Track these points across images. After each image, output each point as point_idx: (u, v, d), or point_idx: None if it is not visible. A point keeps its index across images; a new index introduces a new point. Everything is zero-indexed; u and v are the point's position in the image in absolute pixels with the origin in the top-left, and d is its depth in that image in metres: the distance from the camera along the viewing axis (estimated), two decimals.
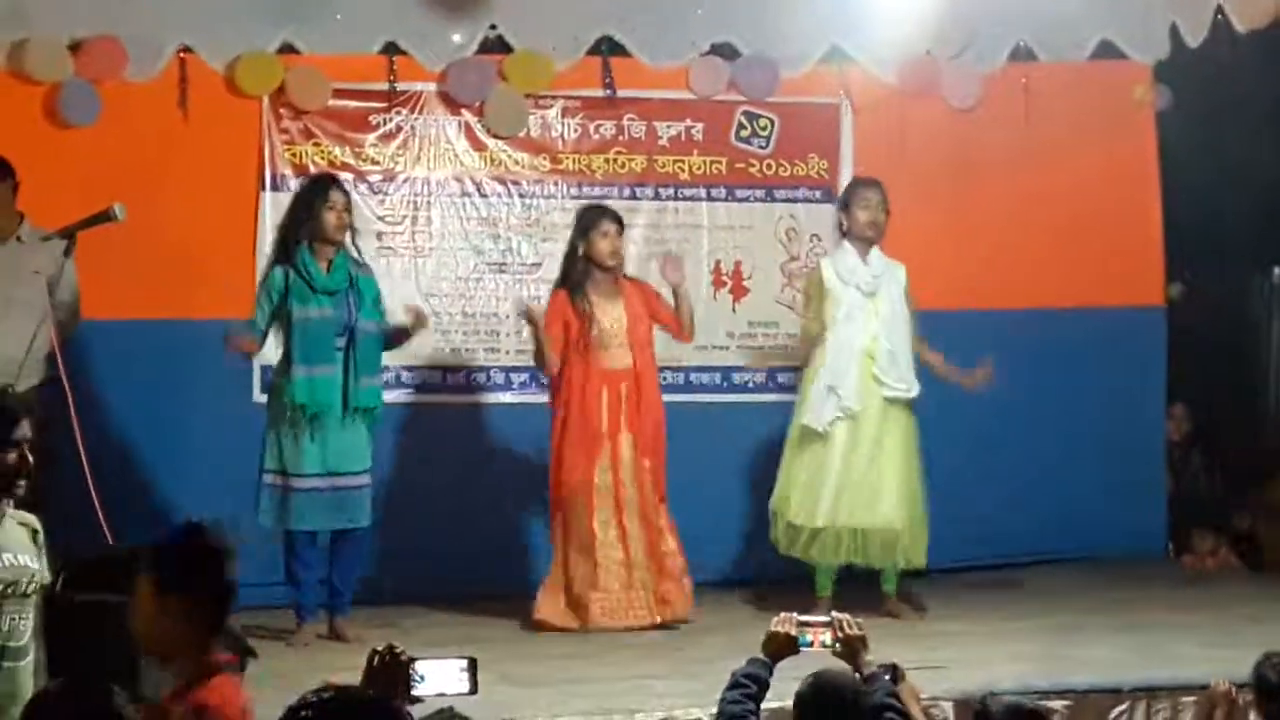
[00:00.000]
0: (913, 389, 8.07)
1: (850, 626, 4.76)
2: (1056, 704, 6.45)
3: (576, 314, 7.85)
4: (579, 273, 7.91)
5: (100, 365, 8.20)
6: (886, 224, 8.08)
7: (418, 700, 3.79)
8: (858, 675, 4.63)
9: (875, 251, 8.08)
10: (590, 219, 7.96)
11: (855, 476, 7.96)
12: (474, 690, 3.87)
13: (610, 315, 7.91)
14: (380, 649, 3.81)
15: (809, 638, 4.73)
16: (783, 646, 4.73)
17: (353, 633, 7.51)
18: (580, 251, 7.91)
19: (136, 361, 8.38)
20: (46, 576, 4.63)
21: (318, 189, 7.66)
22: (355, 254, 7.72)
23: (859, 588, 8.01)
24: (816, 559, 8.03)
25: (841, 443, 7.96)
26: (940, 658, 6.85)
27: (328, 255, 7.56)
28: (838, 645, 4.74)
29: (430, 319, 8.06)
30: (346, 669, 4.04)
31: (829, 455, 7.96)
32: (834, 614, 4.88)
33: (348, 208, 7.65)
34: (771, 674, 4.71)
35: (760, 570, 8.78)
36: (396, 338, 7.84)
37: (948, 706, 6.20)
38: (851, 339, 7.99)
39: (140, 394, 8.38)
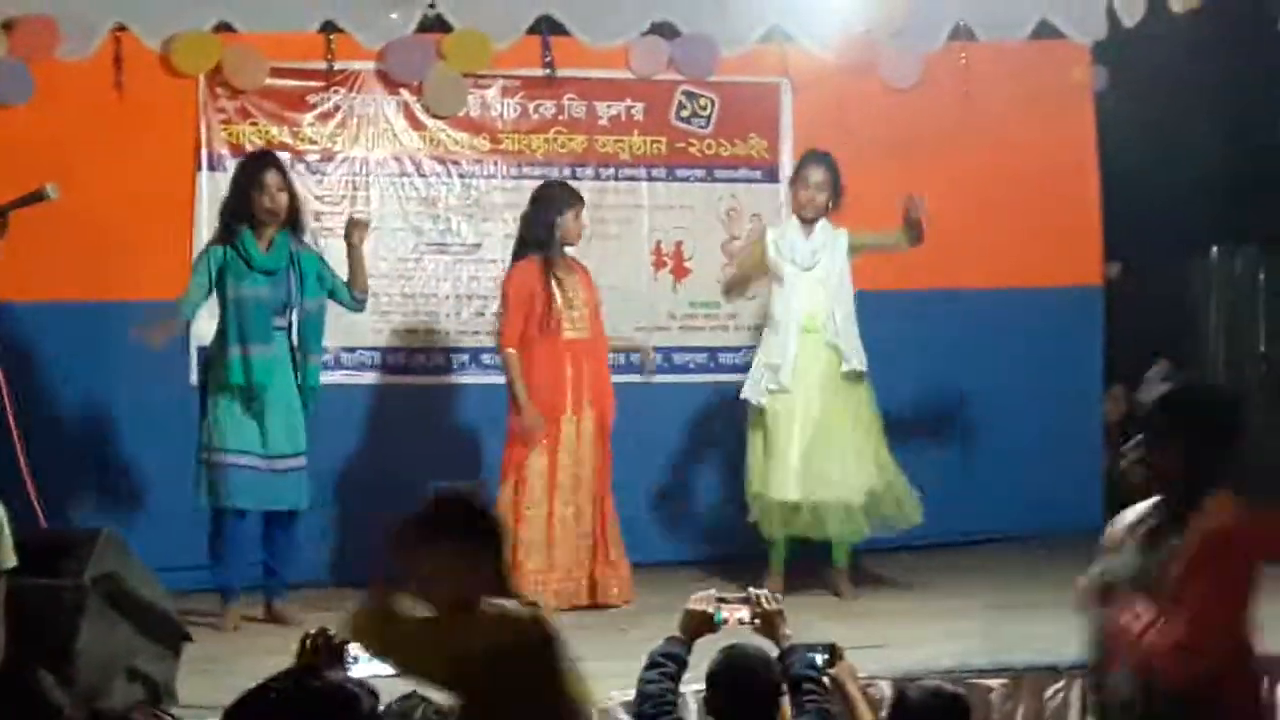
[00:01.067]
0: (863, 361, 8.07)
1: (768, 602, 4.76)
2: (994, 682, 6.48)
3: (545, 285, 7.80)
4: (552, 246, 7.85)
5: (34, 347, 8.14)
6: (831, 201, 8.10)
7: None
8: (777, 649, 4.64)
9: (821, 224, 8.11)
10: (567, 199, 7.92)
11: (808, 451, 7.94)
12: None
13: (572, 287, 7.89)
14: (313, 632, 3.79)
15: (724, 614, 4.75)
16: (700, 624, 4.75)
17: (293, 615, 7.47)
18: (554, 229, 7.84)
19: (71, 343, 8.32)
20: (12, 560, 4.55)
21: (252, 169, 7.61)
22: (298, 233, 7.64)
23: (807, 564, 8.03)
24: (766, 531, 8.03)
25: (787, 416, 7.95)
26: (879, 636, 6.87)
27: (269, 235, 7.51)
28: (756, 621, 4.75)
29: (369, 228, 7.95)
30: (278, 652, 4.01)
31: (777, 427, 7.95)
32: (751, 590, 4.89)
33: (283, 187, 7.57)
34: (689, 652, 4.71)
35: (705, 550, 8.78)
36: (353, 274, 7.70)
37: (885, 685, 6.20)
38: (789, 314, 8.02)
39: (75, 376, 8.31)
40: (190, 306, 7.54)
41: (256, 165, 7.65)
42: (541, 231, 7.87)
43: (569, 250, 8.00)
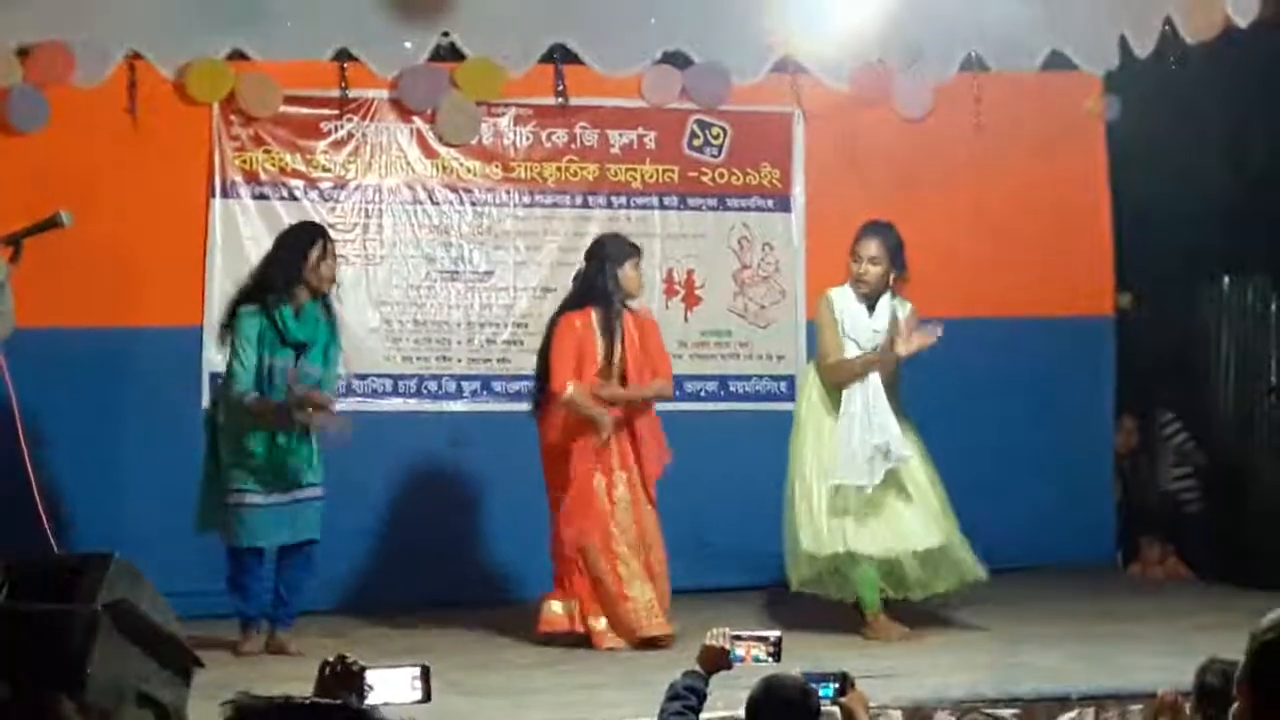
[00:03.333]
0: (916, 446, 7.89)
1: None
2: (1005, 712, 6.47)
3: (602, 341, 7.66)
4: (606, 301, 7.66)
5: (47, 373, 8.14)
6: (892, 274, 7.78)
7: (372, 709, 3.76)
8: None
9: (884, 301, 7.82)
10: (627, 251, 7.73)
11: (905, 502, 7.81)
12: (427, 698, 3.86)
13: (627, 342, 7.73)
14: (331, 659, 3.80)
15: (740, 652, 4.84)
16: (717, 659, 4.83)
17: (295, 646, 7.47)
18: (612, 281, 7.65)
19: (84, 369, 8.34)
20: None
21: (309, 236, 7.49)
22: (328, 302, 7.57)
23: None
24: (861, 588, 7.74)
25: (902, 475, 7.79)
26: (889, 666, 6.85)
27: (301, 300, 7.43)
28: (770, 659, 4.83)
29: (341, 395, 7.95)
30: (290, 679, 4.02)
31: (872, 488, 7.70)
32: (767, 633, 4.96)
33: (335, 256, 7.56)
34: (708, 685, 4.78)
35: (713, 578, 8.78)
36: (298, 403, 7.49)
37: (896, 715, 6.21)
38: (877, 390, 7.72)
39: (87, 402, 8.33)
40: (247, 383, 7.33)
41: (314, 232, 7.55)
42: (597, 280, 7.67)
43: (632, 303, 7.81)
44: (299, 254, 7.41)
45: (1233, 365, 9.61)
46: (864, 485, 7.65)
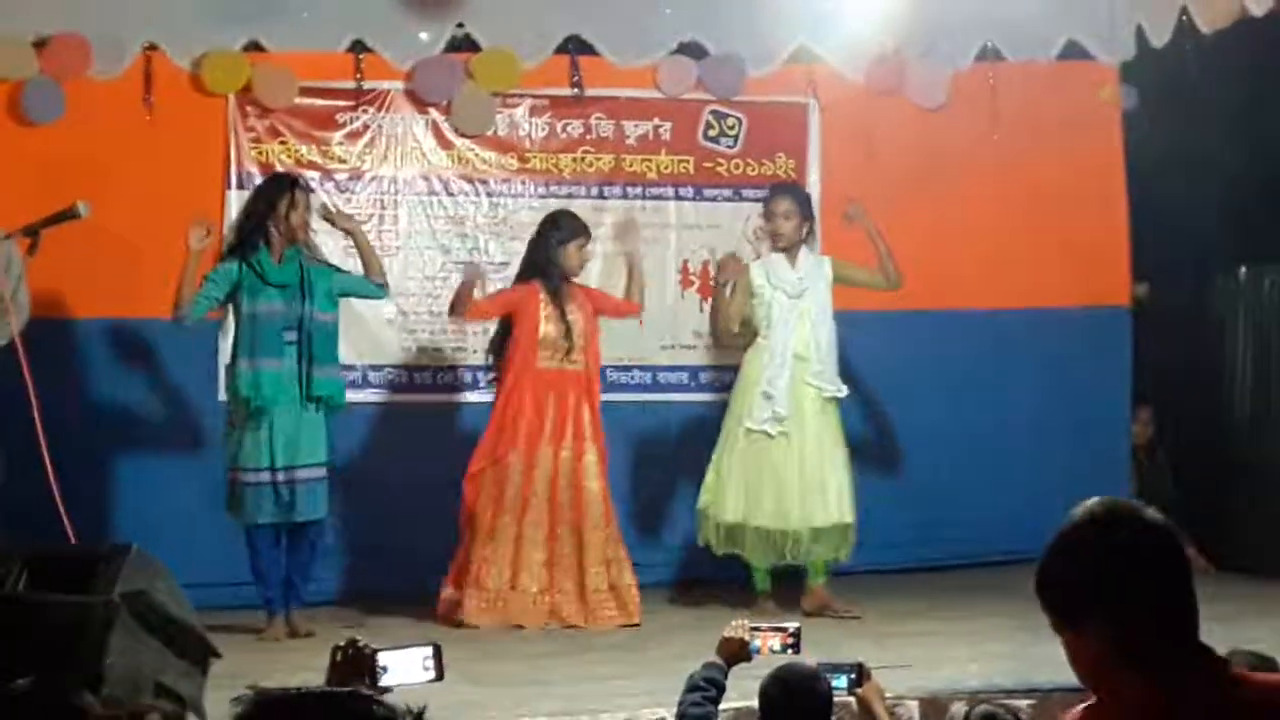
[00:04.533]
0: (842, 389, 8.17)
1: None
2: (1022, 702, 6.44)
3: (549, 311, 7.93)
4: (553, 274, 7.99)
5: (65, 364, 8.17)
6: (801, 228, 8.21)
7: (386, 691, 3.77)
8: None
9: (803, 253, 8.24)
10: (573, 229, 8.06)
11: (803, 477, 8.03)
12: (440, 677, 3.86)
13: (570, 319, 8.00)
14: (343, 644, 3.80)
15: (759, 644, 4.86)
16: (736, 651, 4.85)
17: (305, 627, 7.52)
18: (557, 257, 7.98)
19: (102, 360, 8.36)
20: None
21: (282, 189, 7.67)
22: (309, 249, 7.72)
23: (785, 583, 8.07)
24: (753, 559, 8.13)
25: (783, 444, 8.01)
26: (906, 656, 6.86)
27: (280, 250, 7.58)
28: (788, 650, 4.84)
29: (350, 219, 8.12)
30: (306, 668, 4.03)
31: (770, 456, 8.01)
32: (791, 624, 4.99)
33: (309, 207, 7.70)
34: (726, 677, 4.80)
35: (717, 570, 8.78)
36: (365, 264, 7.86)
37: (913, 705, 6.20)
38: (784, 343, 8.09)
39: (105, 393, 8.35)
40: (195, 310, 7.56)
41: (286, 182, 7.75)
42: (539, 256, 8.03)
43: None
44: (268, 205, 7.59)
45: (1249, 355, 9.59)
46: (755, 428, 8.04)
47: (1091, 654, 2.71)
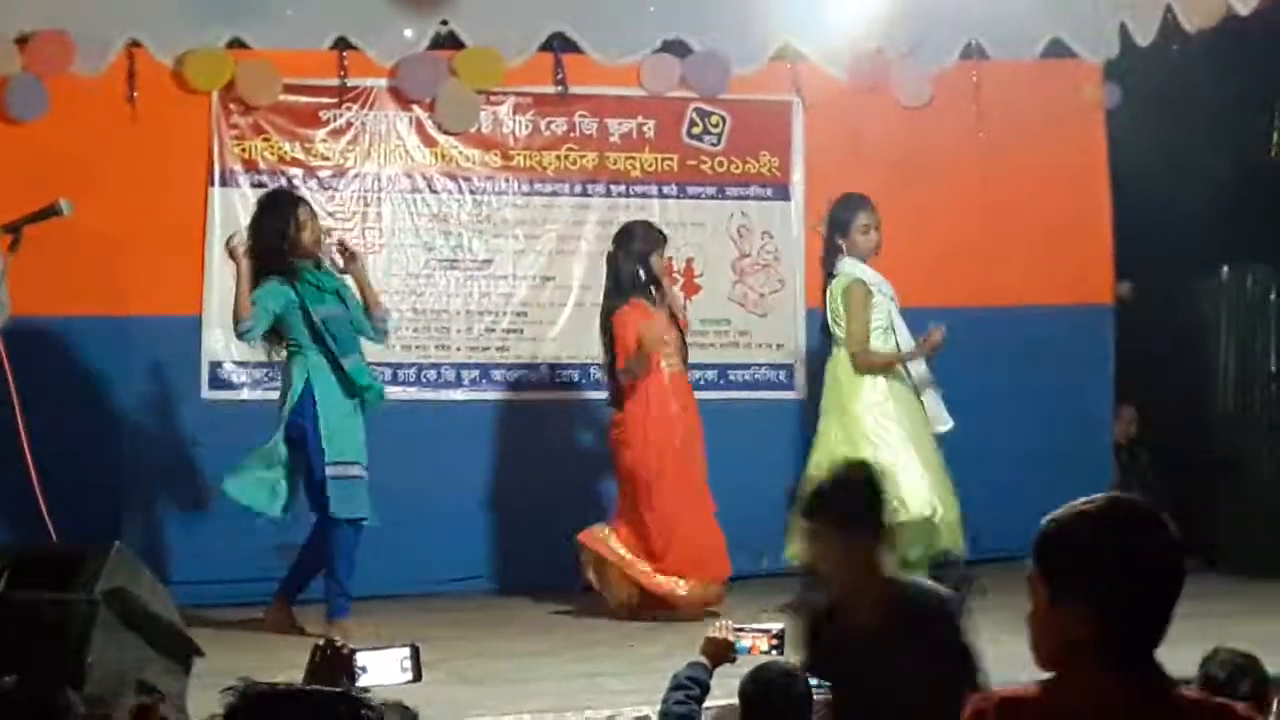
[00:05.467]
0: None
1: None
2: None
3: (666, 321, 8.05)
4: (644, 288, 8.03)
5: (47, 362, 8.14)
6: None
7: (364, 691, 3.77)
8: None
9: None
10: (655, 239, 8.09)
11: (933, 467, 7.98)
12: (418, 678, 3.87)
13: (663, 324, 8.06)
14: (321, 644, 3.80)
15: (746, 644, 4.85)
16: (721, 652, 4.83)
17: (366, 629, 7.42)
18: (644, 270, 8.01)
19: (84, 358, 8.34)
20: None
21: (291, 205, 7.59)
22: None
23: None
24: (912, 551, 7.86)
25: (908, 436, 7.96)
26: None
27: (306, 265, 7.55)
28: (774, 652, 4.83)
29: (363, 257, 7.97)
30: (292, 666, 4.02)
31: (902, 447, 7.91)
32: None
33: (314, 214, 7.70)
34: (711, 676, 4.79)
35: None
36: (364, 300, 7.77)
37: None
38: (907, 340, 8.04)
39: (87, 391, 8.33)
40: (259, 326, 7.45)
41: (293, 201, 7.67)
42: (636, 271, 8.01)
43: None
44: (279, 234, 7.47)
45: (1233, 354, 9.61)
46: (944, 428, 8.09)
47: (1062, 630, 2.77)
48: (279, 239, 7.45)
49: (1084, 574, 2.77)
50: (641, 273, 7.99)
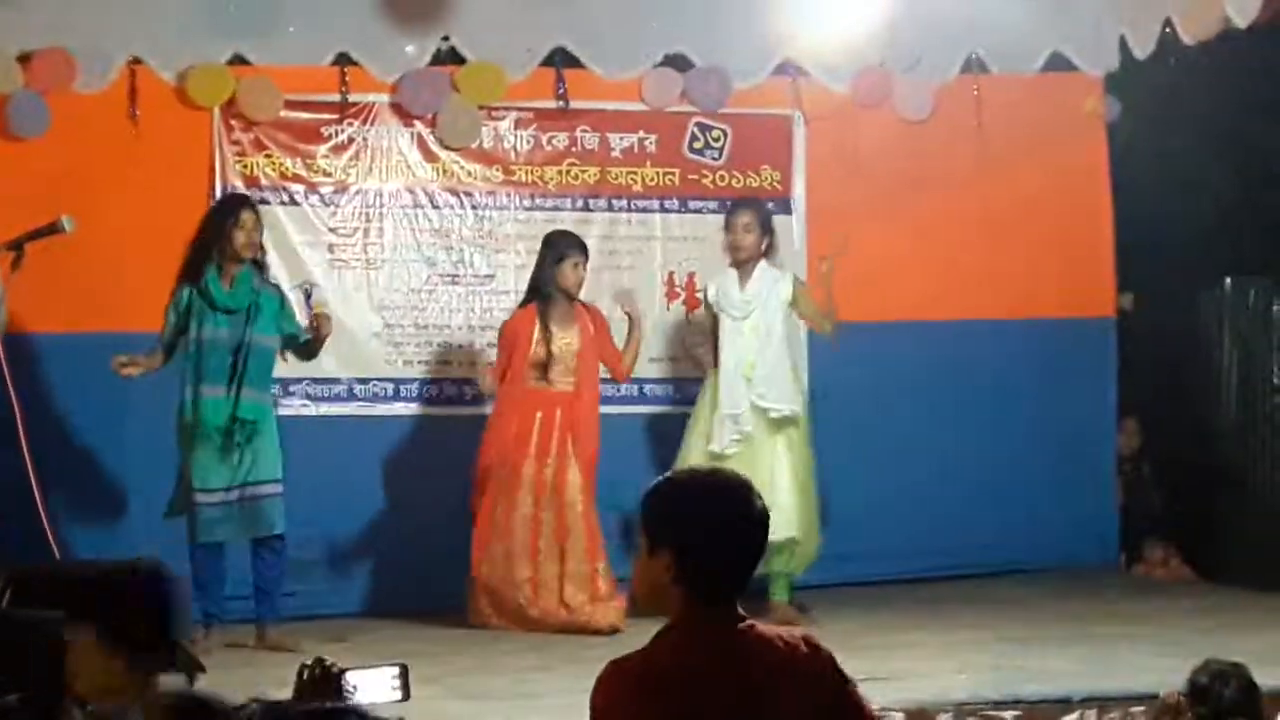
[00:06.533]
0: (793, 406, 8.12)
1: None
2: (1007, 714, 6.46)
3: (539, 334, 8.01)
4: (545, 296, 8.05)
5: (49, 378, 8.16)
6: (760, 242, 8.15)
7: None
8: None
9: (760, 269, 8.16)
10: (563, 248, 8.10)
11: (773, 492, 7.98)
12: (406, 697, 3.87)
13: (561, 341, 8.03)
14: (309, 662, 3.80)
15: None
16: None
17: (290, 641, 7.47)
18: (551, 277, 8.03)
19: (86, 374, 8.32)
20: None
21: (228, 209, 7.67)
22: (261, 272, 7.65)
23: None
24: None
25: (738, 464, 7.98)
26: (892, 668, 6.85)
27: (233, 273, 7.53)
28: None
29: (331, 323, 7.81)
30: (290, 684, 4.02)
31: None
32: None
33: (257, 226, 7.62)
34: None
35: None
36: (310, 347, 7.76)
37: (899, 717, 6.20)
38: (733, 363, 8.11)
39: (89, 407, 8.33)
40: (163, 346, 7.57)
41: (235, 204, 7.73)
42: (535, 279, 8.11)
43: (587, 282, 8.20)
44: (216, 227, 7.55)
45: (1235, 367, 9.60)
46: (714, 449, 8.03)
47: (654, 575, 3.36)
48: (214, 230, 7.51)
49: (669, 528, 3.35)
50: (551, 279, 8.04)
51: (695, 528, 3.35)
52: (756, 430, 8.06)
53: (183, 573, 7.46)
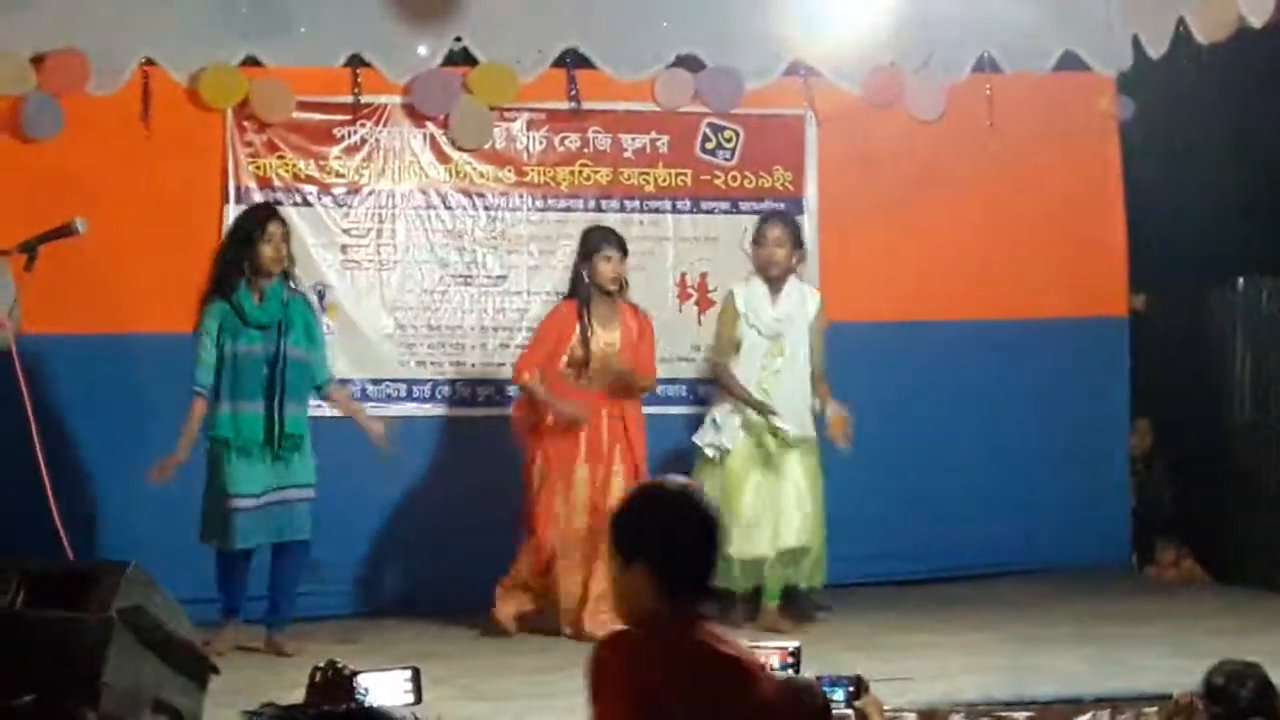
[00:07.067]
0: (807, 430, 8.04)
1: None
2: (1020, 715, 6.46)
3: (579, 332, 7.88)
4: (583, 292, 7.93)
5: (62, 380, 8.17)
6: (792, 257, 8.06)
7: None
8: None
9: (789, 286, 8.08)
10: (594, 242, 7.97)
11: (758, 511, 7.97)
12: (418, 700, 3.89)
13: (602, 340, 7.92)
14: (322, 665, 3.81)
15: (760, 660, 4.81)
16: None
17: (291, 646, 7.46)
18: (584, 273, 7.93)
19: (99, 376, 8.36)
20: None
21: (254, 221, 7.56)
22: (292, 283, 7.62)
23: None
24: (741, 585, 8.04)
25: (743, 476, 7.99)
26: (905, 669, 6.85)
27: (262, 286, 7.46)
28: (788, 669, 4.81)
29: (381, 429, 7.83)
30: (303, 685, 4.03)
31: (732, 488, 7.95)
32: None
33: (285, 238, 7.54)
34: None
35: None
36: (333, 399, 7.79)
37: (911, 718, 6.21)
38: (746, 378, 8.01)
39: (102, 409, 8.34)
40: (207, 372, 7.43)
41: (262, 216, 7.60)
42: (573, 278, 7.99)
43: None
44: (243, 242, 7.47)
45: (1248, 367, 9.59)
46: (708, 452, 8.02)
47: (632, 590, 3.52)
48: (242, 245, 7.44)
49: (636, 544, 3.51)
50: (584, 275, 7.92)
51: (669, 538, 3.51)
52: (771, 446, 8.00)
53: (194, 571, 7.49)
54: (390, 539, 8.65)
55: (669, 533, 3.51)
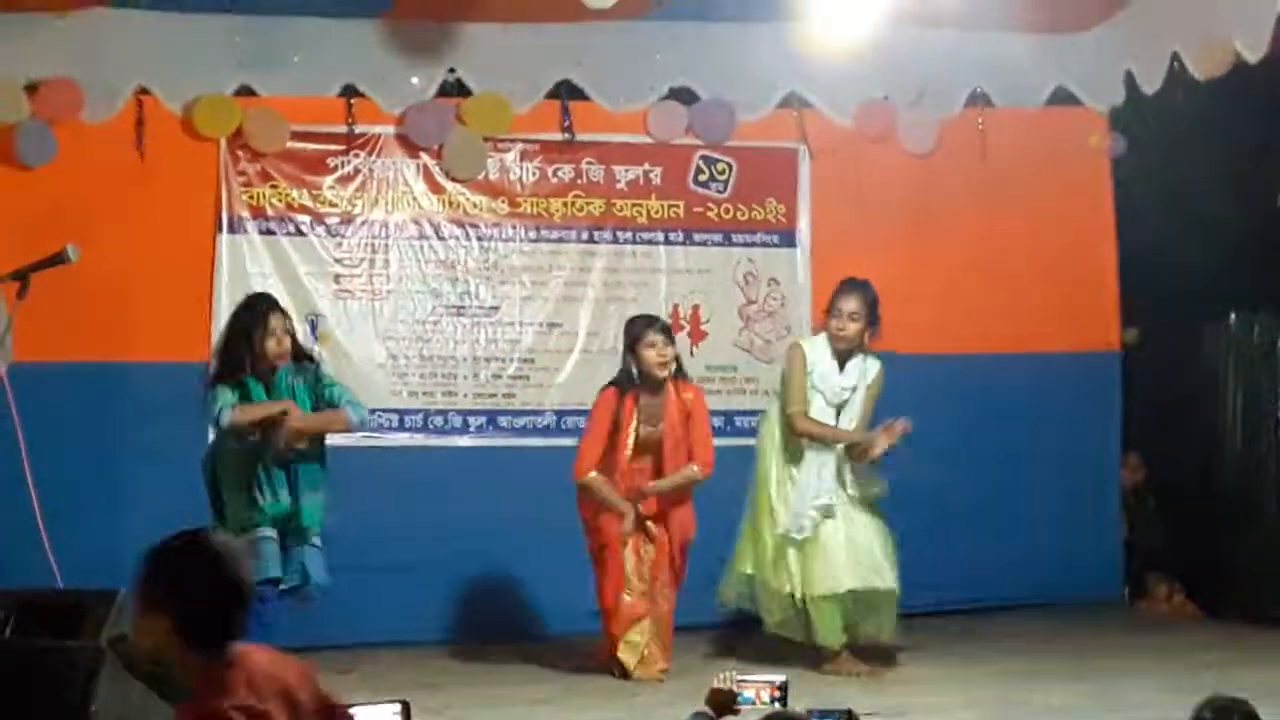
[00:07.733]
0: (880, 483, 7.92)
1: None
2: None
3: (618, 413, 7.73)
4: (630, 380, 7.74)
5: (53, 408, 8.14)
6: (864, 333, 7.83)
7: None
8: None
9: (856, 360, 7.88)
10: (638, 330, 7.77)
11: (851, 547, 7.84)
12: None
13: (645, 430, 7.78)
14: None
15: (750, 695, 4.83)
16: (724, 702, 4.81)
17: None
18: (631, 364, 7.74)
19: (90, 404, 8.34)
20: None
21: (255, 315, 7.21)
22: (296, 361, 7.31)
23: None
24: (820, 625, 7.82)
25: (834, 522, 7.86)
26: (897, 704, 6.84)
27: (268, 378, 7.17)
28: (774, 704, 4.81)
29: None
30: None
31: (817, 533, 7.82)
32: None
33: (287, 331, 7.23)
34: None
35: (719, 613, 8.76)
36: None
37: None
38: (819, 448, 7.84)
39: (93, 438, 8.32)
40: (227, 397, 7.12)
41: (262, 309, 7.25)
42: (624, 365, 7.79)
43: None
44: (244, 334, 7.18)
45: (1240, 402, 9.60)
46: (800, 534, 7.77)
47: (152, 634, 3.60)
48: (244, 340, 7.16)
49: (156, 591, 3.59)
50: (631, 363, 7.74)
51: (196, 590, 3.59)
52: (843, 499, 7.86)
53: None
54: (379, 568, 8.62)
55: (195, 585, 3.59)
